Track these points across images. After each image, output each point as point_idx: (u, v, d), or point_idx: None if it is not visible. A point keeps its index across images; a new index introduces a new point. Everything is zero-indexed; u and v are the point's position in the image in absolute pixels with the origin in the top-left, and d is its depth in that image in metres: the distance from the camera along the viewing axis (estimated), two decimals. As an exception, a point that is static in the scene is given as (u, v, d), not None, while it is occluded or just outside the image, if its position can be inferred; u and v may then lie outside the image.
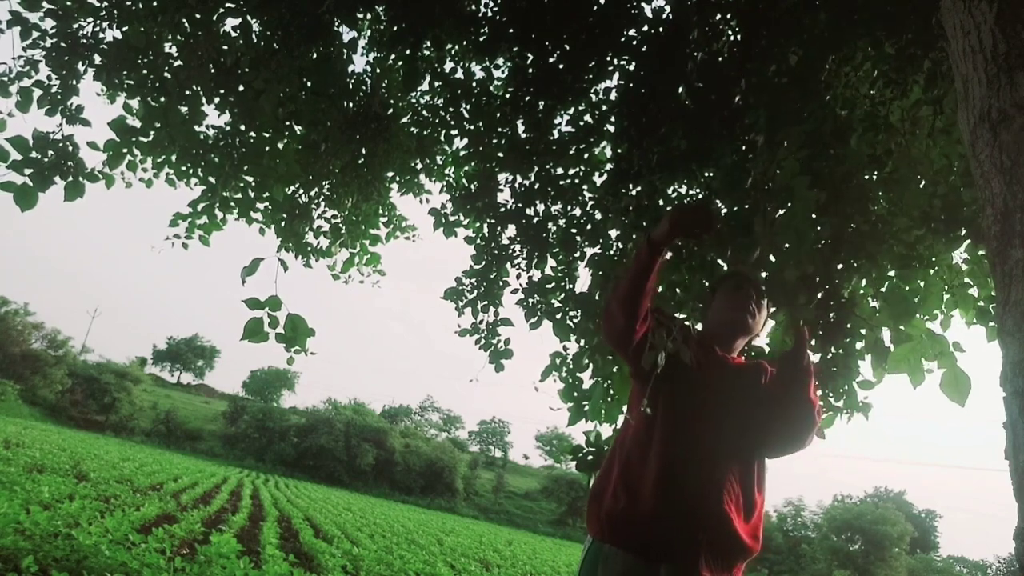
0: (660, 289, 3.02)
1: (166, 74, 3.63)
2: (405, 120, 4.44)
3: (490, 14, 3.53)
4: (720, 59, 3.01)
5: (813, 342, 2.35)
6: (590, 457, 2.85)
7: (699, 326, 2.20)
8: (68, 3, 3.43)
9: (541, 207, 3.58)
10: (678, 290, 3.04)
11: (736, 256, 2.57)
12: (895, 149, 2.40)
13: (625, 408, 1.96)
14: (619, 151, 3.21)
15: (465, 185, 4.07)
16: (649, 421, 1.77)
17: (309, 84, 3.88)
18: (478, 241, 3.83)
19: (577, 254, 3.49)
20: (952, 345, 2.28)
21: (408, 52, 3.67)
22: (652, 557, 1.65)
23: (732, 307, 1.94)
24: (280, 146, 4.07)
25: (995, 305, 1.05)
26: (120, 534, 5.38)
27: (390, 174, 4.68)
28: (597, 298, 3.08)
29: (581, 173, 3.57)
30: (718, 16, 3.06)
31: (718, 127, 2.75)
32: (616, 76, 3.33)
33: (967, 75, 1.11)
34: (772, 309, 2.30)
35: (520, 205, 3.58)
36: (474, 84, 3.86)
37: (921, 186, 2.39)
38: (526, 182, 3.58)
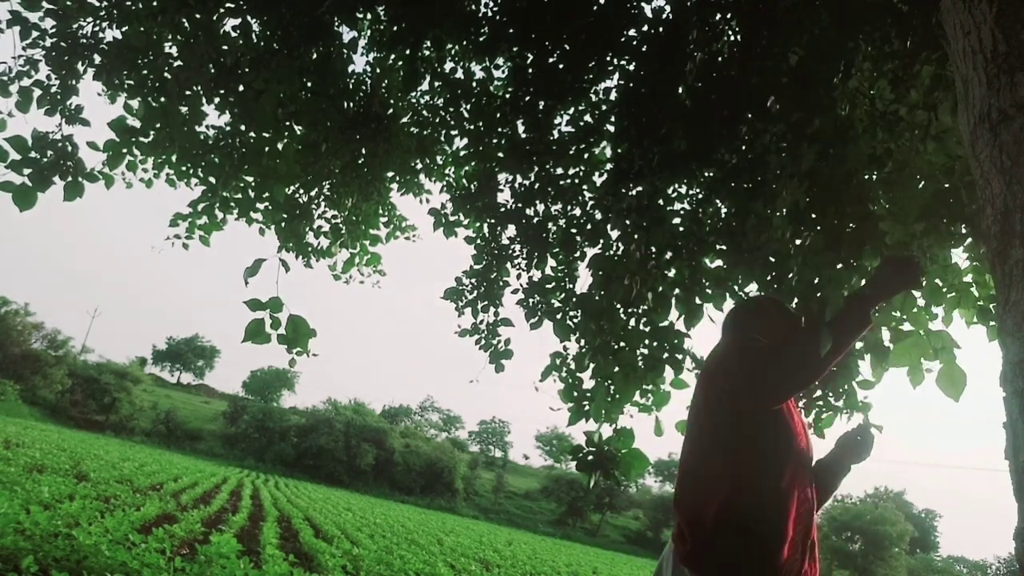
0: (661, 290, 3.03)
1: (166, 74, 3.63)
2: (405, 120, 4.44)
3: (490, 14, 3.53)
4: (720, 59, 3.01)
5: None
6: (590, 457, 2.85)
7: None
8: (68, 3, 3.42)
9: (541, 207, 3.58)
10: (677, 290, 3.04)
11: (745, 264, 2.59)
12: (895, 149, 2.40)
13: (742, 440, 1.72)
14: (619, 151, 3.21)
15: (465, 185, 4.07)
16: (783, 462, 1.69)
17: (309, 84, 3.88)
18: (478, 241, 3.83)
19: (577, 254, 3.49)
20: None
21: (408, 52, 3.66)
22: None
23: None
24: (280, 146, 4.07)
25: (995, 305, 1.05)
26: (120, 534, 5.38)
27: (390, 174, 4.67)
28: (598, 298, 3.08)
29: (581, 173, 3.57)
30: (718, 16, 3.06)
31: (718, 127, 2.75)
32: (616, 76, 3.33)
33: (967, 75, 1.11)
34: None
35: (520, 205, 3.58)
36: (474, 84, 3.86)
37: (921, 185, 2.39)
38: (526, 182, 3.58)
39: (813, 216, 2.42)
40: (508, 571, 11.88)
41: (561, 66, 3.29)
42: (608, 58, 3.30)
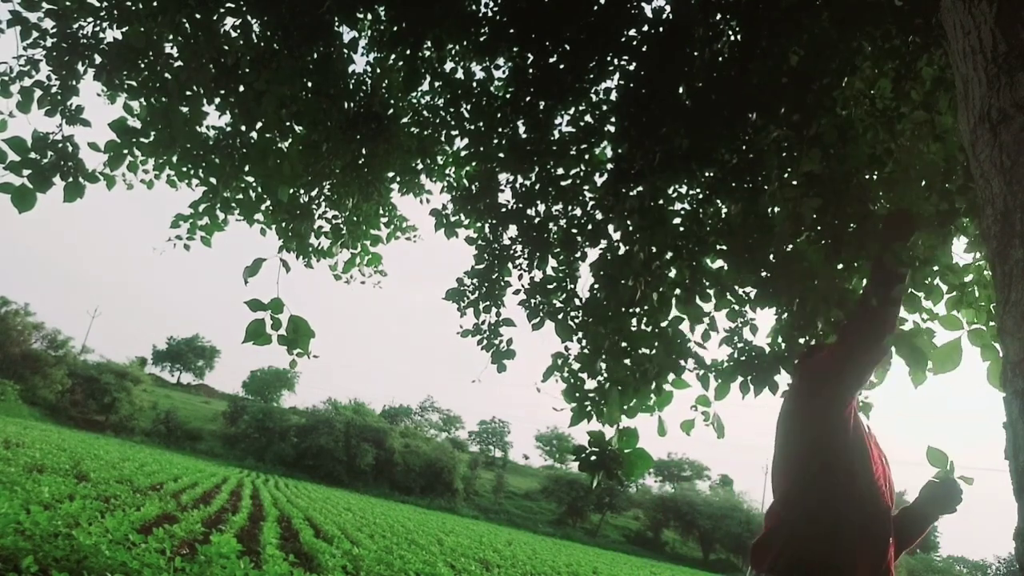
0: (662, 291, 3.03)
1: (166, 74, 3.63)
2: (405, 120, 4.44)
3: (490, 14, 3.53)
4: (721, 59, 3.01)
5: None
6: (594, 458, 2.85)
7: None
8: (68, 3, 3.42)
9: (542, 207, 3.58)
10: (678, 289, 3.04)
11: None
12: (895, 149, 2.40)
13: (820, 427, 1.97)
14: (620, 151, 3.21)
15: (466, 185, 4.06)
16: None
17: (310, 84, 3.88)
18: (479, 241, 3.82)
19: (578, 254, 3.49)
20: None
21: (408, 52, 3.66)
22: None
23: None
24: (284, 147, 4.07)
25: (995, 305, 1.05)
26: (120, 534, 5.38)
27: (391, 174, 4.67)
28: (606, 303, 3.08)
29: (582, 173, 3.56)
30: (719, 16, 3.07)
31: (719, 127, 2.75)
32: (616, 76, 3.33)
33: (967, 75, 1.11)
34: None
35: (521, 205, 3.58)
36: (474, 84, 3.86)
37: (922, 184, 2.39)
38: (527, 182, 3.58)
39: (813, 216, 2.43)
40: (508, 571, 11.88)
41: (561, 66, 3.29)
42: (608, 58, 3.30)
